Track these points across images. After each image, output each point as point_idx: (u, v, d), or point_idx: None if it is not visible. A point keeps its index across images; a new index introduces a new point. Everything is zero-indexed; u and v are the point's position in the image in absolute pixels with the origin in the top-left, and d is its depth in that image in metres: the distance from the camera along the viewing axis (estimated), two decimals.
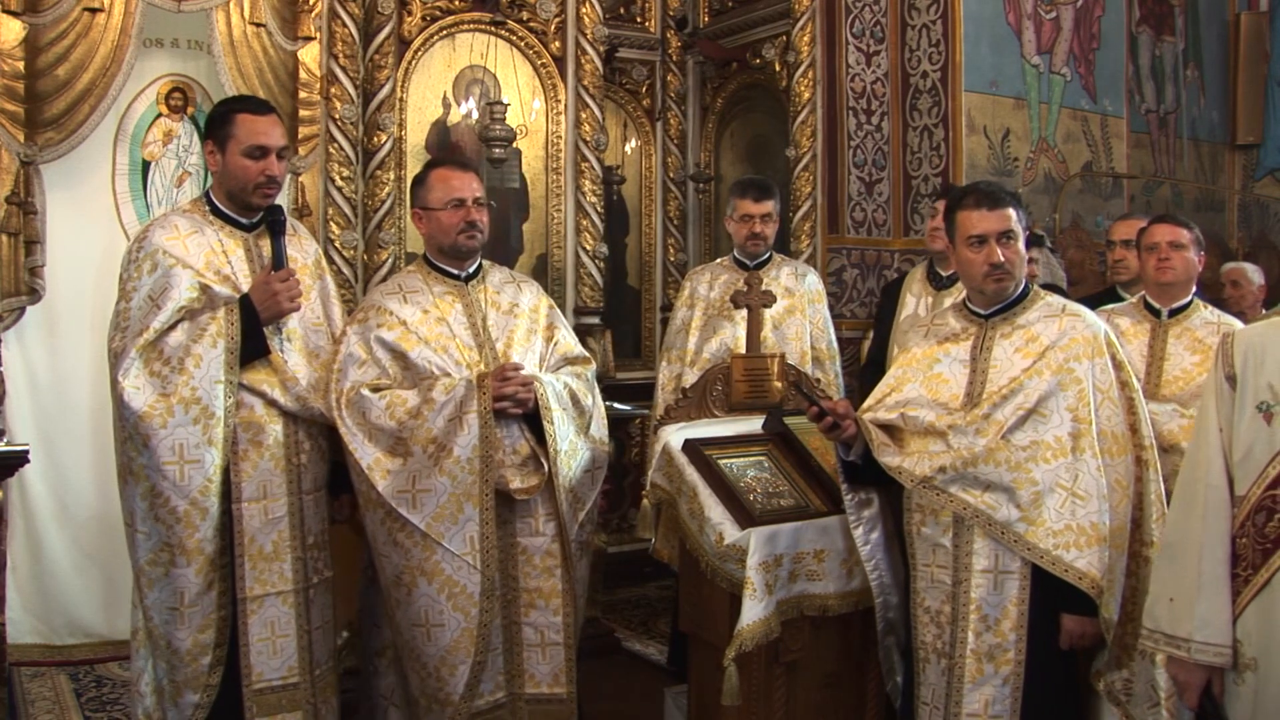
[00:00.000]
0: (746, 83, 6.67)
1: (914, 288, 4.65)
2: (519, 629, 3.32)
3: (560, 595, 3.33)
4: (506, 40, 5.57)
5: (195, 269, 3.12)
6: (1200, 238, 3.80)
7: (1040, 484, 2.83)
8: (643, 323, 6.85)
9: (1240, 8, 7.57)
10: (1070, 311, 3.01)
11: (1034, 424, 2.87)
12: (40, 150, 4.46)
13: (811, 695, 3.36)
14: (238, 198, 3.22)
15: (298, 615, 3.20)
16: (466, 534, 3.16)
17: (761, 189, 4.59)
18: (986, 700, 2.86)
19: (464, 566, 3.16)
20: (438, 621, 3.17)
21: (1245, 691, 2.28)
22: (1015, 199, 3.04)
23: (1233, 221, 7.56)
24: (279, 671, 3.17)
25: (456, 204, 3.41)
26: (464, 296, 3.46)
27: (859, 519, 3.20)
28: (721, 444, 3.54)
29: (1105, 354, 2.93)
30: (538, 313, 3.57)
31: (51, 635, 4.88)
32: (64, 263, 4.79)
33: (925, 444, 2.97)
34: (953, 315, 3.15)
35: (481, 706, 3.27)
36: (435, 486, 3.16)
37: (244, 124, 3.15)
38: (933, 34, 5.86)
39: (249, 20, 4.70)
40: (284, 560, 3.17)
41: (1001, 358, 2.97)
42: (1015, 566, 2.86)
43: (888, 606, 3.22)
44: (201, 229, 3.20)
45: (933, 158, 5.87)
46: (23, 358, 4.80)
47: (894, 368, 3.20)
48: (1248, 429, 2.30)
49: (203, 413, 3.03)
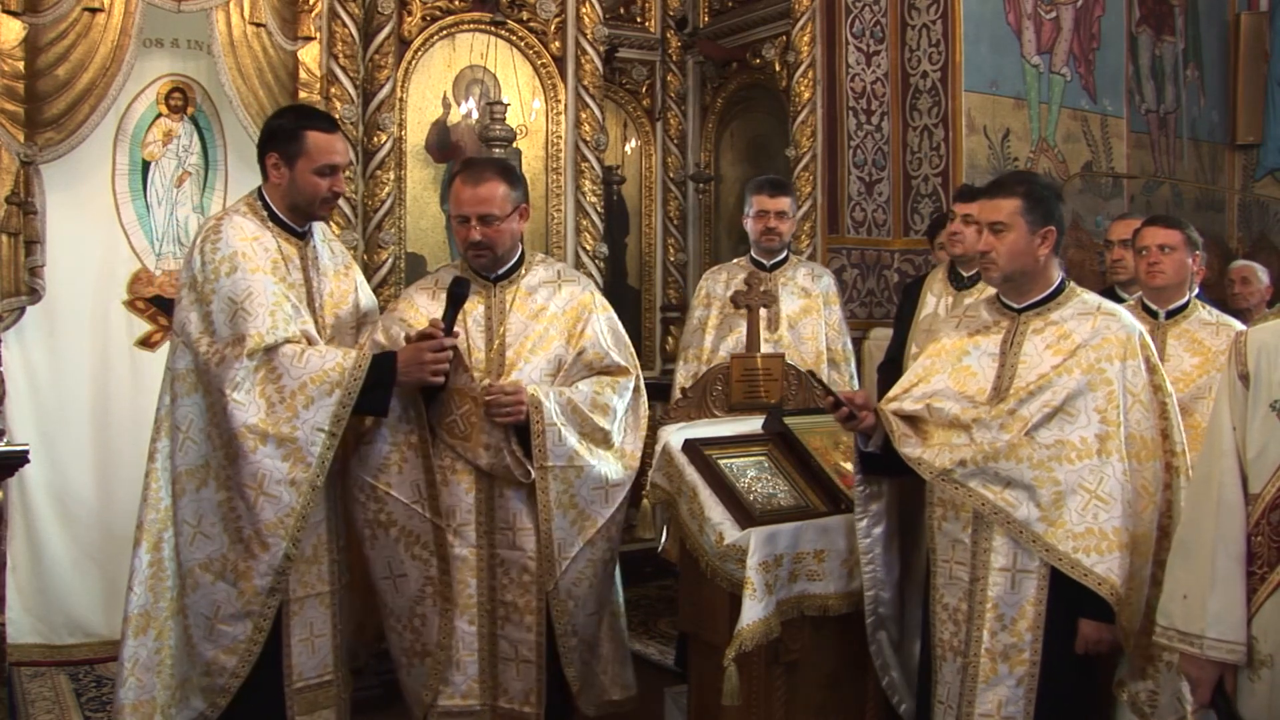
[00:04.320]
0: (746, 83, 6.67)
1: (935, 287, 4.66)
2: (497, 641, 3.31)
3: (535, 613, 3.27)
4: (506, 40, 5.57)
5: (268, 273, 3.15)
6: (1194, 238, 3.75)
7: (1063, 484, 2.78)
8: (643, 323, 6.84)
9: (1240, 8, 7.57)
10: (1105, 310, 2.95)
11: (1060, 423, 2.82)
12: (40, 150, 4.46)
13: (812, 695, 3.36)
14: (301, 210, 3.29)
15: (333, 615, 3.29)
16: (411, 481, 3.21)
17: (776, 185, 4.69)
18: (1000, 701, 2.83)
19: (414, 514, 3.22)
20: (400, 571, 3.26)
21: (1261, 688, 2.28)
22: (1026, 189, 2.95)
23: (1233, 222, 7.56)
24: (315, 670, 3.27)
25: (461, 220, 3.34)
26: (489, 298, 3.39)
27: (865, 512, 3.17)
28: (721, 444, 3.53)
29: (1139, 355, 2.87)
30: (573, 316, 3.41)
31: (51, 635, 4.88)
32: (64, 263, 4.79)
33: (948, 436, 2.93)
34: (985, 308, 3.11)
35: (451, 708, 3.28)
36: (375, 438, 3.24)
37: (316, 142, 3.21)
38: (933, 34, 5.86)
39: (249, 20, 4.70)
40: (322, 563, 3.26)
41: (1031, 353, 2.92)
42: (1034, 566, 2.82)
43: (879, 602, 3.21)
44: (261, 233, 3.24)
45: (933, 158, 5.87)
46: (23, 358, 4.79)
47: (923, 357, 3.15)
48: (1261, 427, 2.30)
49: (294, 454, 3.05)
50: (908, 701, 3.29)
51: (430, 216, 5.47)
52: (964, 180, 5.60)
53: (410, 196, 5.38)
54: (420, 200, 5.44)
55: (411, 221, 5.38)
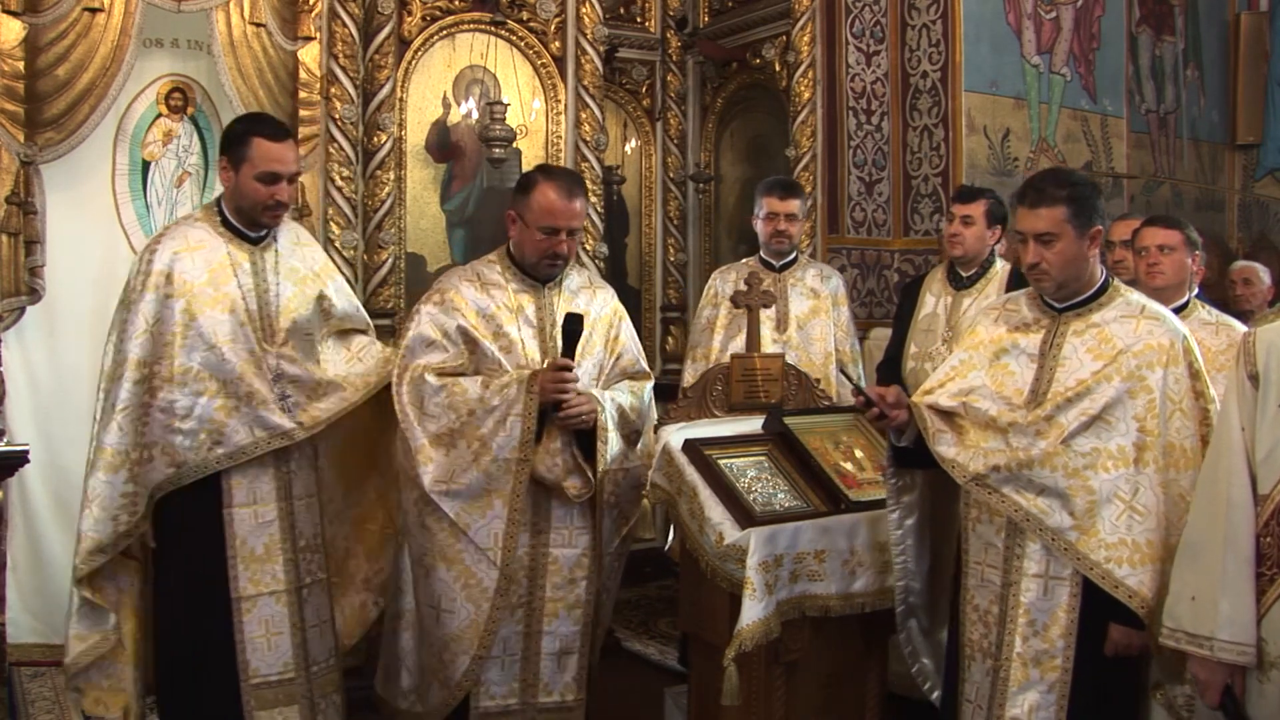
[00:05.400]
0: (746, 83, 6.67)
1: (934, 287, 4.66)
2: (539, 638, 3.37)
3: (583, 605, 3.41)
4: (506, 40, 5.57)
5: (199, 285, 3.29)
6: (1194, 238, 3.73)
7: (1097, 493, 2.73)
8: (643, 323, 6.84)
9: (1240, 7, 7.57)
10: (1149, 314, 2.86)
11: (1097, 431, 2.76)
12: (40, 150, 4.45)
13: (812, 695, 3.36)
14: (246, 214, 3.36)
15: (291, 614, 3.31)
16: (492, 530, 3.25)
17: (787, 188, 4.72)
18: (1031, 706, 2.79)
19: (483, 561, 3.24)
20: (449, 608, 3.28)
21: (1270, 690, 2.27)
22: (1069, 193, 2.82)
23: (1233, 222, 7.56)
24: (275, 668, 3.28)
25: (550, 231, 3.39)
26: (539, 299, 3.48)
27: (897, 503, 3.15)
28: (721, 444, 3.53)
29: (1181, 362, 2.78)
30: (607, 323, 3.57)
31: (51, 635, 4.85)
32: (64, 263, 4.78)
33: (983, 438, 2.88)
34: (1026, 303, 3.00)
35: (491, 708, 3.33)
36: (471, 481, 3.24)
37: (259, 148, 3.26)
38: (933, 34, 5.86)
39: (249, 20, 4.69)
40: (275, 562, 3.30)
41: (1071, 356, 2.85)
42: (1067, 574, 2.78)
43: (909, 591, 3.19)
44: (210, 240, 3.34)
45: (933, 158, 5.87)
46: (23, 358, 4.79)
47: (959, 350, 3.09)
48: (1271, 427, 2.29)
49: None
50: (939, 689, 3.24)
51: (430, 217, 5.47)
52: (964, 180, 5.60)
53: (410, 196, 5.37)
54: (420, 200, 5.44)
55: (411, 221, 5.38)
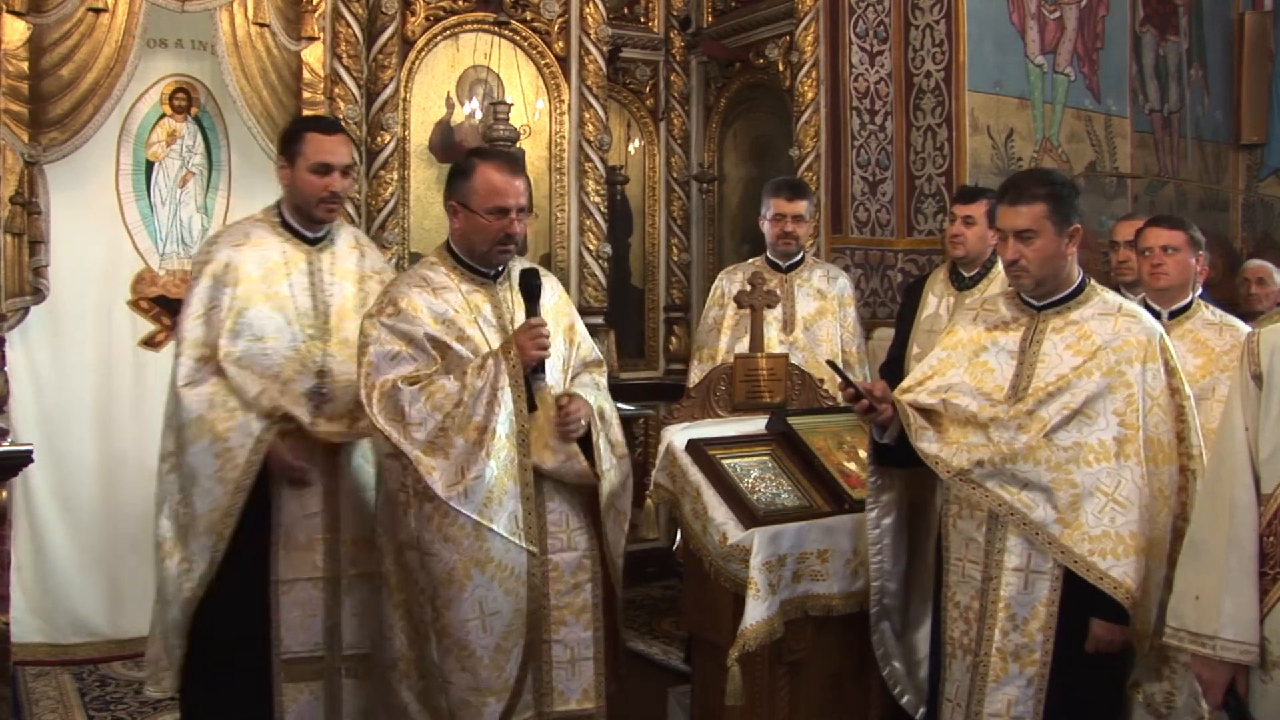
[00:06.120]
0: (750, 83, 6.66)
1: (936, 288, 4.66)
2: (548, 647, 3.21)
3: (590, 610, 3.25)
4: (510, 40, 5.58)
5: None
6: (1198, 238, 3.72)
7: (1080, 487, 2.77)
8: (646, 323, 6.84)
9: (1244, 7, 7.55)
10: (1126, 312, 2.92)
11: (1079, 425, 2.80)
12: (44, 150, 4.47)
13: (815, 695, 3.36)
14: (303, 211, 3.41)
15: (327, 599, 3.40)
16: (509, 512, 3.09)
17: (794, 189, 4.68)
18: (1009, 700, 2.82)
19: (511, 548, 3.08)
20: (493, 609, 3.09)
21: (1273, 689, 2.27)
22: (1048, 190, 2.87)
23: (1237, 221, 7.54)
24: (305, 645, 3.38)
25: (499, 212, 3.13)
26: (492, 296, 3.26)
27: (876, 502, 3.16)
28: (725, 444, 3.53)
29: (1159, 359, 2.85)
30: (558, 311, 3.37)
31: (55, 634, 4.89)
32: (68, 263, 4.79)
33: (965, 434, 2.90)
34: (1004, 302, 3.05)
35: None
36: (484, 472, 3.03)
37: (312, 142, 3.33)
38: (936, 34, 5.85)
39: (253, 20, 4.71)
40: (316, 552, 3.38)
41: (1051, 352, 2.89)
42: (1047, 567, 2.81)
43: (884, 593, 3.19)
44: (266, 239, 3.40)
45: (936, 158, 5.86)
46: (27, 357, 4.80)
47: (938, 349, 3.12)
48: (1274, 427, 2.28)
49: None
50: (910, 694, 3.28)
51: (434, 216, 5.47)
52: (967, 180, 5.59)
53: (414, 196, 5.38)
54: (424, 200, 5.45)
55: (415, 221, 5.39)
